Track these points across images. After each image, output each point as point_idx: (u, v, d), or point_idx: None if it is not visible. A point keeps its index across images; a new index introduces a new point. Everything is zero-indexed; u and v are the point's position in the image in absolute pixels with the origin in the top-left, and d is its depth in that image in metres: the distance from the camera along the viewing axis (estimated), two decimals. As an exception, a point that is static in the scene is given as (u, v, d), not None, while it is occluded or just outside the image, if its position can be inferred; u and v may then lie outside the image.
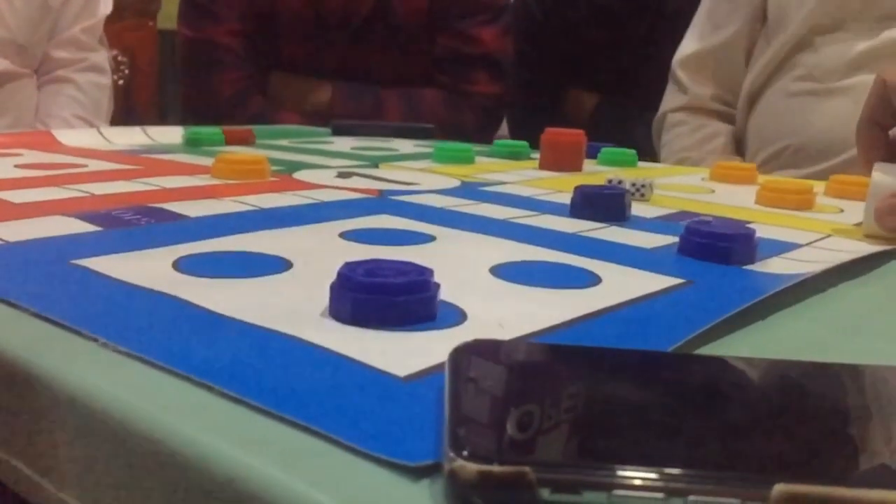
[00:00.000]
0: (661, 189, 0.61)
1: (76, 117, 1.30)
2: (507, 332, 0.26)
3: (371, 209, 0.47)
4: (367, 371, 0.23)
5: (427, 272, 0.28)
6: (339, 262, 0.28)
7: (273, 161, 0.62)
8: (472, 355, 0.21)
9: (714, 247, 0.37)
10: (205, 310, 0.27)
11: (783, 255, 0.40)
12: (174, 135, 0.81)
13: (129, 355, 0.23)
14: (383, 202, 0.50)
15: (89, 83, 1.33)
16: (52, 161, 0.62)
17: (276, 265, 0.33)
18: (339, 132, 0.95)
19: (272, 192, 0.51)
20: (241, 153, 0.64)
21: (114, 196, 0.47)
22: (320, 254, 0.36)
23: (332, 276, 0.27)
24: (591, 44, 1.52)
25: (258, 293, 0.29)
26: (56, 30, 1.31)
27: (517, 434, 0.18)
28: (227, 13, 1.38)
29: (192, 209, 0.44)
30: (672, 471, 0.16)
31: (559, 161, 0.71)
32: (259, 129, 0.89)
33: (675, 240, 0.40)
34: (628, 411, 0.20)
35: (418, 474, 0.18)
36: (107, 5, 1.39)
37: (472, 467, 0.16)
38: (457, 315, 0.28)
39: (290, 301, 0.29)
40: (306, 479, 0.17)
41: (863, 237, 0.45)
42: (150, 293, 0.29)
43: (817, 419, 0.20)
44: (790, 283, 0.33)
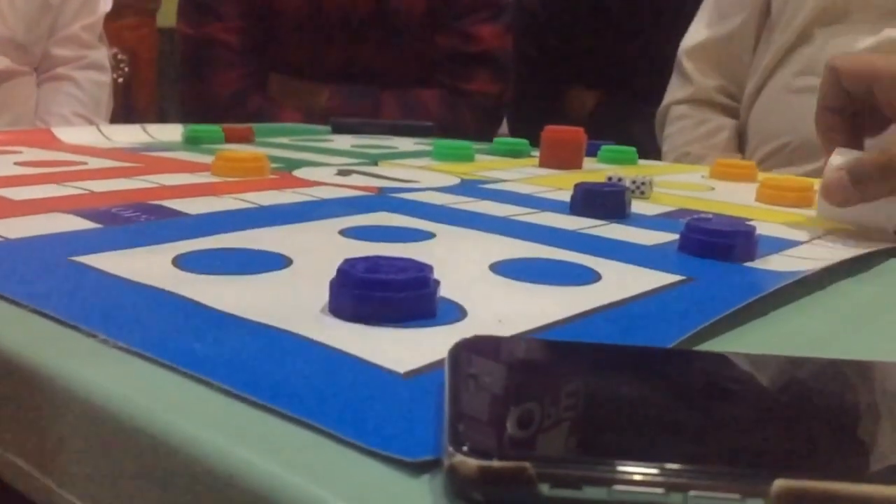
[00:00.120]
0: (661, 187, 0.61)
1: (76, 115, 1.30)
2: (507, 328, 0.26)
3: (371, 206, 0.47)
4: (367, 367, 0.23)
5: (427, 269, 0.28)
6: (338, 259, 0.28)
7: (273, 159, 0.62)
8: (472, 351, 0.21)
9: (714, 244, 0.37)
10: (205, 306, 0.27)
11: (783, 252, 0.40)
12: (174, 132, 0.81)
13: (128, 352, 0.23)
14: (383, 200, 0.50)
15: (89, 81, 1.33)
16: (52, 158, 0.62)
17: (275, 262, 0.33)
18: (339, 130, 0.95)
19: (272, 190, 0.51)
20: (241, 151, 0.64)
21: (114, 193, 0.47)
22: (320, 251, 0.36)
23: (331, 273, 0.27)
24: (591, 42, 1.52)
25: (258, 290, 0.29)
26: (56, 27, 1.31)
27: (517, 430, 0.18)
28: (227, 11, 1.38)
29: (192, 206, 0.44)
30: (672, 466, 0.16)
31: (559, 159, 0.71)
32: (259, 126, 0.89)
33: (676, 237, 0.40)
34: (628, 407, 0.20)
35: (418, 470, 0.18)
36: (106, 3, 1.39)
37: (472, 463, 0.16)
38: (456, 312, 0.28)
39: (290, 298, 0.29)
40: (306, 475, 0.17)
41: (859, 234, 0.45)
42: (150, 290, 0.29)
43: (817, 415, 0.20)
44: (790, 279, 0.33)
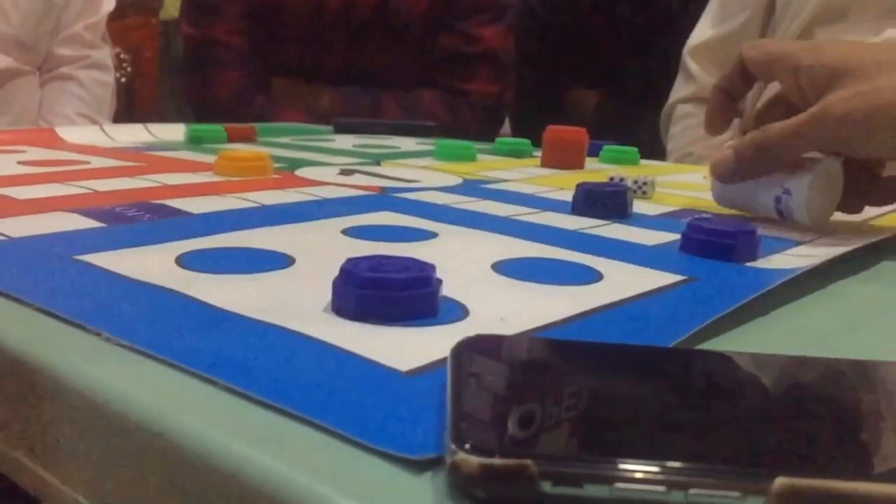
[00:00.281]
0: (662, 187, 0.61)
1: (79, 114, 1.30)
2: (509, 327, 0.27)
3: (373, 206, 0.47)
4: (369, 366, 0.23)
5: (429, 268, 0.28)
6: (341, 259, 0.28)
7: (275, 158, 0.63)
8: (474, 350, 0.21)
9: (716, 244, 0.37)
10: (208, 305, 0.27)
11: (785, 252, 0.40)
12: (176, 132, 0.81)
13: (132, 350, 0.23)
14: (385, 199, 0.50)
15: (92, 80, 1.34)
16: (55, 158, 0.62)
17: (278, 261, 0.33)
18: (341, 130, 0.96)
19: (274, 189, 0.51)
20: (244, 150, 0.64)
21: (117, 192, 0.47)
22: (323, 250, 0.36)
23: (334, 272, 0.28)
24: (593, 42, 1.52)
25: (261, 289, 0.30)
26: (59, 27, 1.31)
27: (519, 428, 0.18)
28: (229, 12, 1.38)
29: (195, 206, 0.44)
30: (673, 464, 0.16)
31: (561, 159, 0.71)
32: (261, 126, 0.89)
33: (677, 237, 0.40)
34: (629, 406, 0.20)
35: (421, 467, 0.18)
36: (109, 2, 1.39)
37: (474, 460, 0.16)
38: (459, 311, 0.28)
39: (293, 297, 0.29)
40: (309, 472, 0.17)
41: (860, 233, 0.45)
42: (154, 288, 0.29)
43: (818, 414, 0.20)
44: (790, 276, 0.34)
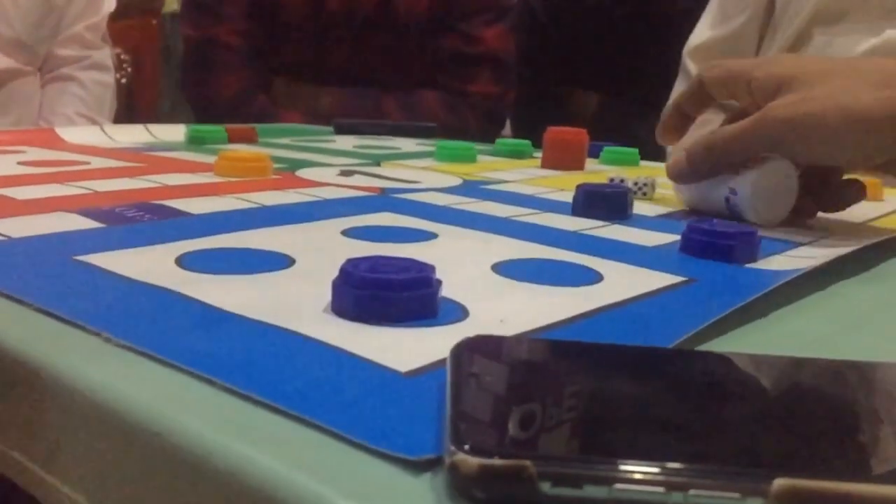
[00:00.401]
0: (663, 188, 0.61)
1: (79, 115, 1.30)
2: (509, 328, 0.27)
3: (373, 207, 0.47)
4: (369, 366, 0.23)
5: (429, 269, 0.28)
6: (341, 259, 0.28)
7: (275, 159, 0.63)
8: (474, 351, 0.21)
9: (716, 245, 0.37)
10: (208, 305, 0.27)
11: (785, 254, 0.40)
12: (177, 132, 0.81)
13: (132, 350, 0.23)
14: (385, 200, 0.50)
15: (92, 81, 1.34)
16: (56, 158, 0.62)
17: (278, 262, 0.33)
18: (342, 131, 0.96)
19: (275, 190, 0.51)
20: (244, 151, 0.64)
21: (117, 193, 0.47)
22: (322, 251, 0.36)
23: (334, 273, 0.28)
24: (593, 43, 1.52)
25: (261, 289, 0.30)
26: (60, 28, 1.31)
27: (518, 428, 0.18)
28: (230, 13, 1.38)
29: (195, 206, 0.44)
30: (673, 465, 0.16)
31: (561, 160, 0.71)
32: (261, 127, 0.89)
33: (677, 238, 0.40)
34: (629, 406, 0.20)
35: (420, 468, 0.18)
36: (110, 3, 1.39)
37: (474, 461, 0.16)
38: (458, 311, 0.28)
39: (293, 297, 0.29)
40: (308, 473, 0.17)
41: (860, 233, 0.45)
42: (154, 289, 0.29)
43: (818, 415, 0.20)
44: (790, 277, 0.34)
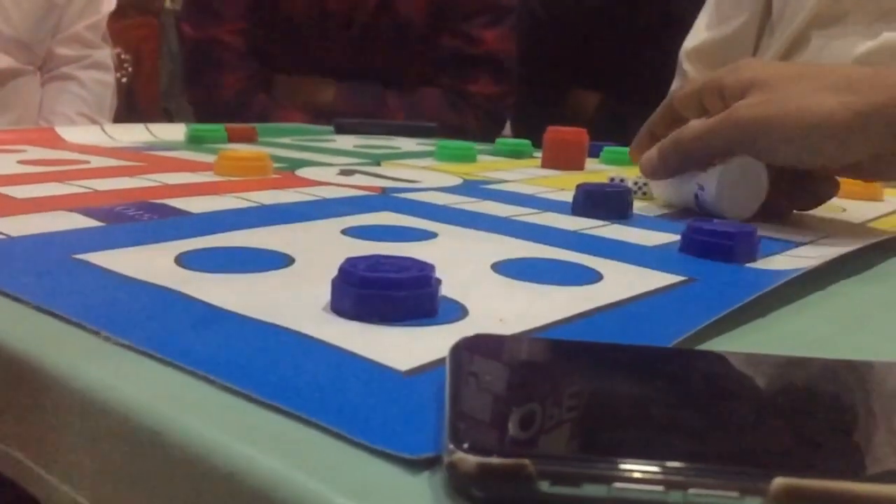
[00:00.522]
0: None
1: (79, 114, 1.31)
2: (509, 327, 0.27)
3: (373, 206, 0.47)
4: (368, 365, 0.23)
5: (428, 268, 0.28)
6: (340, 258, 0.28)
7: (275, 158, 0.63)
8: (473, 350, 0.21)
9: (716, 245, 0.37)
10: (207, 304, 0.27)
11: (785, 253, 0.40)
12: (177, 132, 0.81)
13: (131, 349, 0.23)
14: (385, 199, 0.50)
15: (93, 80, 1.34)
16: (56, 157, 0.62)
17: (278, 261, 0.33)
18: (342, 130, 0.96)
19: (274, 189, 0.51)
20: (244, 150, 0.64)
21: (117, 192, 0.47)
22: (322, 250, 0.36)
23: (333, 272, 0.28)
24: (593, 43, 1.52)
25: (260, 288, 0.30)
26: (60, 27, 1.31)
27: (517, 427, 0.18)
28: (230, 12, 1.37)
29: (195, 205, 0.44)
30: (672, 464, 0.16)
31: (561, 159, 0.71)
32: (262, 126, 0.89)
33: (677, 238, 0.40)
34: (628, 405, 0.20)
35: (419, 466, 0.18)
36: (110, 3, 1.39)
37: (472, 460, 0.16)
38: (458, 311, 0.28)
39: (293, 296, 0.29)
40: (307, 471, 0.17)
41: (860, 234, 0.45)
42: (153, 288, 0.29)
43: (817, 414, 0.20)
44: (790, 277, 0.34)
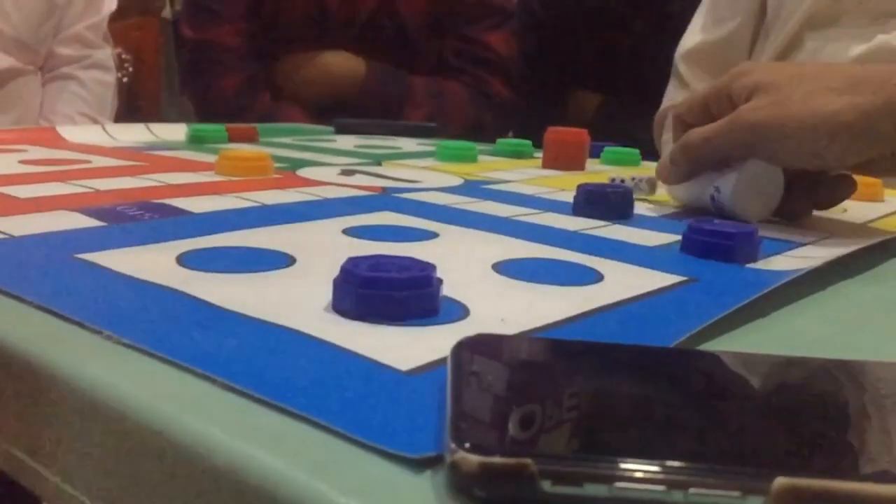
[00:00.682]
0: (664, 188, 0.61)
1: (80, 114, 1.31)
2: (510, 327, 0.27)
3: (374, 206, 0.47)
4: (370, 365, 0.23)
5: (429, 268, 0.28)
6: (342, 258, 0.28)
7: (276, 158, 0.63)
8: (475, 349, 0.21)
9: (717, 245, 0.37)
10: (208, 304, 0.27)
11: (786, 254, 0.40)
12: (178, 132, 0.81)
13: (132, 348, 0.23)
14: (386, 199, 0.50)
15: (93, 80, 1.34)
16: (57, 157, 0.62)
17: (279, 260, 0.33)
18: (343, 130, 0.96)
19: (275, 189, 0.51)
20: (245, 150, 0.64)
21: (118, 192, 0.47)
22: (323, 250, 0.36)
23: (335, 272, 0.28)
24: (594, 43, 1.52)
25: (262, 288, 0.30)
26: (61, 27, 1.31)
27: (519, 427, 0.18)
28: (229, 14, 1.37)
29: (196, 205, 0.44)
30: (673, 463, 0.16)
31: (562, 160, 0.71)
32: (262, 126, 0.89)
33: (678, 238, 0.40)
34: (629, 405, 0.20)
35: (420, 466, 0.18)
36: (111, 3, 1.39)
37: (474, 459, 0.16)
38: (459, 310, 0.28)
39: (294, 296, 0.29)
40: (309, 471, 0.17)
41: (860, 234, 0.45)
42: (155, 287, 0.29)
43: (818, 414, 0.20)
44: (791, 277, 0.34)
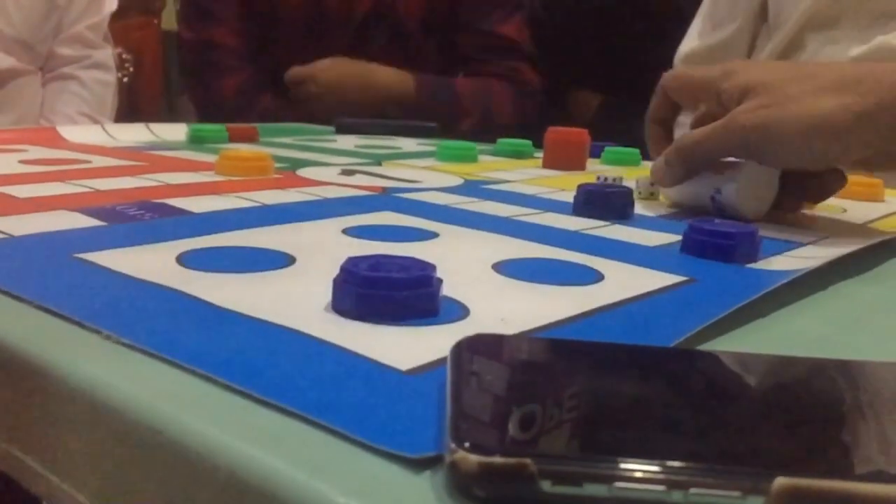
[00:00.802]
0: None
1: (81, 114, 1.31)
2: (510, 327, 0.27)
3: (374, 206, 0.47)
4: (369, 364, 0.23)
5: (430, 267, 0.28)
6: (342, 258, 0.28)
7: (277, 158, 0.63)
8: (474, 349, 0.21)
9: (717, 245, 0.37)
10: (208, 304, 0.27)
11: (786, 254, 0.40)
12: (178, 132, 0.81)
13: (132, 348, 0.23)
14: (387, 199, 0.50)
15: (94, 80, 1.34)
16: (57, 157, 0.62)
17: (279, 260, 0.33)
18: (343, 130, 0.96)
19: (276, 189, 0.51)
20: (245, 150, 0.64)
21: (118, 191, 0.47)
22: (323, 249, 0.36)
23: (335, 272, 0.28)
24: (594, 43, 1.52)
25: (262, 288, 0.30)
26: (61, 27, 1.31)
27: (518, 427, 0.18)
28: (227, 14, 1.37)
29: (196, 205, 0.44)
30: (673, 463, 0.16)
31: (563, 160, 0.71)
32: (263, 126, 0.89)
33: (678, 238, 0.40)
34: (629, 405, 0.20)
35: (420, 466, 0.18)
36: (112, 3, 1.39)
37: (474, 459, 0.16)
38: (459, 310, 0.28)
39: (294, 296, 0.29)
40: (308, 470, 0.17)
41: (860, 234, 0.45)
42: (155, 287, 0.29)
43: (818, 414, 0.20)
44: (791, 277, 0.34)
